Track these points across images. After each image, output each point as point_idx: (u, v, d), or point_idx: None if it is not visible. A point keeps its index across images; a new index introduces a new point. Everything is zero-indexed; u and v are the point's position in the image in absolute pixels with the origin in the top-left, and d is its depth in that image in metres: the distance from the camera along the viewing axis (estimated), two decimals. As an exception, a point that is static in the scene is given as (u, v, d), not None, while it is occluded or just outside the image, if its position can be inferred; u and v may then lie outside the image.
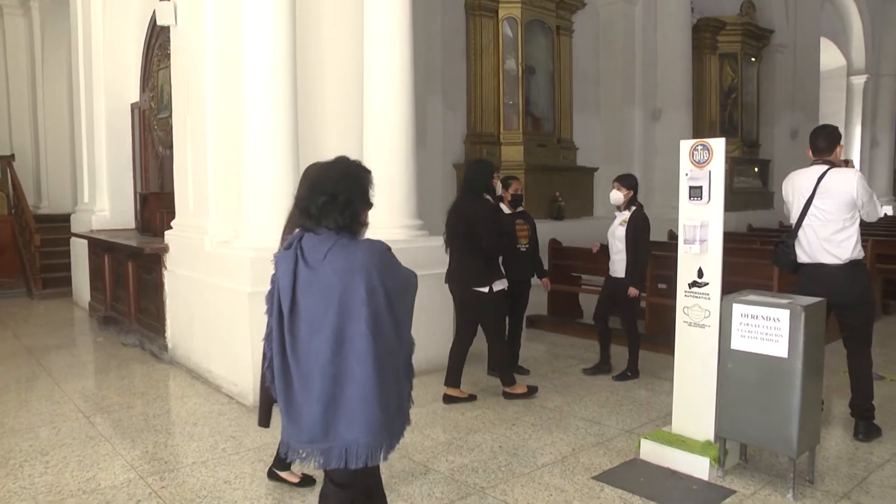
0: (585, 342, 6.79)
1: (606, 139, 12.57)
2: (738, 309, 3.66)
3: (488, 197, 5.09)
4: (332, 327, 2.30)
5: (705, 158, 3.85)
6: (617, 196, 5.57)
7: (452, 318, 5.95)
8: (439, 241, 6.02)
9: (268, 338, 2.47)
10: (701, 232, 3.84)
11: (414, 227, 6.06)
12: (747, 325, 3.62)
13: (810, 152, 4.47)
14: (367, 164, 6.03)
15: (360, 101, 5.91)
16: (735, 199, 13.40)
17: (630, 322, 5.72)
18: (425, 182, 7.77)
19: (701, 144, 3.88)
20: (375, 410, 2.32)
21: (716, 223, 3.83)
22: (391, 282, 2.36)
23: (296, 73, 5.36)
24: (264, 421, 3.74)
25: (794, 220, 4.46)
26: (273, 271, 2.47)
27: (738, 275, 6.05)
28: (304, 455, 2.38)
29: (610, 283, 5.70)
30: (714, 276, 3.84)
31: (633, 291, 5.52)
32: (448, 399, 5.09)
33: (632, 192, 5.58)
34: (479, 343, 5.22)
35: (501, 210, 5.55)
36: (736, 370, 3.67)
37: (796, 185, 4.45)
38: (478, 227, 4.87)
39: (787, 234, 4.54)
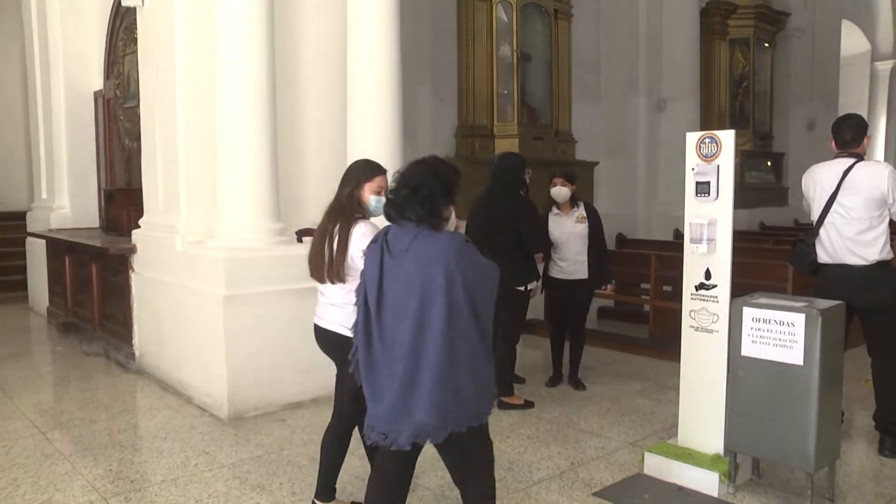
0: (587, 348, 6.80)
1: (607, 131, 12.61)
2: (749, 313, 3.69)
3: (522, 192, 5.27)
4: (414, 314, 2.60)
5: (713, 152, 3.89)
6: (564, 192, 5.60)
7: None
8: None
9: (355, 329, 2.79)
10: (708, 230, 3.88)
11: (401, 226, 6.08)
12: (759, 330, 3.65)
13: (833, 144, 4.47)
14: (348, 157, 6.10)
15: (343, 89, 5.92)
16: (746, 196, 13.45)
17: (583, 324, 5.83)
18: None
19: (709, 137, 3.93)
20: (445, 394, 2.59)
21: (724, 221, 3.87)
22: (469, 271, 2.63)
23: (274, 58, 5.38)
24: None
25: (815, 217, 4.47)
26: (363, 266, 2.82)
27: (749, 276, 6.11)
28: (385, 437, 2.67)
29: (566, 287, 5.68)
30: (723, 277, 3.88)
31: (610, 289, 5.71)
32: (503, 406, 5.22)
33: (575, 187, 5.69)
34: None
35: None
36: (747, 378, 3.70)
37: (818, 180, 4.45)
38: (524, 225, 5.05)
39: (806, 232, 4.56)
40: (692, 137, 3.99)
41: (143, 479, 4.10)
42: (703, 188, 3.90)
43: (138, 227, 6.50)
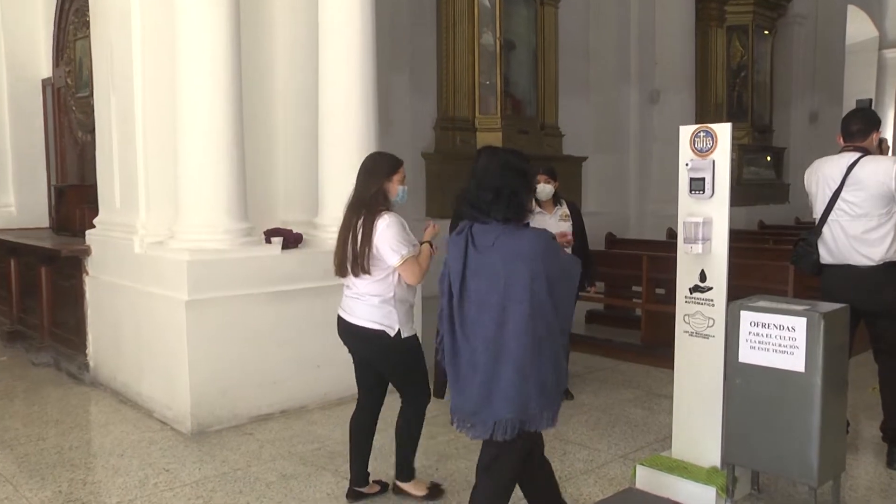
0: (573, 355, 6.83)
1: (597, 125, 12.68)
2: (746, 317, 3.72)
3: None
4: (496, 307, 2.86)
5: (709, 146, 3.93)
6: (549, 189, 5.63)
7: (420, 329, 6.00)
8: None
9: (440, 317, 3.05)
10: (703, 230, 3.91)
11: (377, 226, 6.10)
12: (758, 334, 3.68)
13: (841, 138, 4.51)
14: (320, 152, 6.10)
15: (314, 81, 5.93)
16: (744, 193, 13.59)
17: (569, 328, 5.88)
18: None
19: (704, 130, 3.96)
20: (527, 387, 2.87)
21: (720, 220, 3.90)
22: (552, 268, 2.89)
23: (240, 42, 5.36)
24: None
25: (817, 214, 4.52)
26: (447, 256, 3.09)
27: (747, 278, 6.16)
28: (469, 425, 2.97)
29: None
30: (719, 279, 3.92)
31: (594, 290, 5.80)
32: None
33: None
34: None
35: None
36: (745, 387, 3.73)
37: (821, 175, 4.49)
38: None
39: (808, 231, 4.61)
40: (686, 131, 4.02)
41: (96, 500, 4.07)
42: (697, 185, 3.93)
43: (93, 227, 6.46)
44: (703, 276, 3.96)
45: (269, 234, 5.67)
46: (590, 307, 8.26)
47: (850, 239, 4.36)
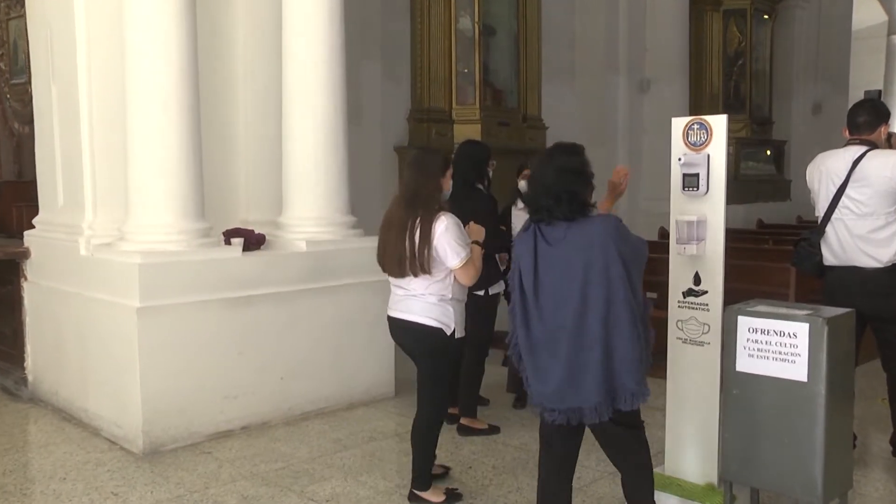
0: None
1: (583, 116, 12.71)
2: (744, 322, 3.75)
3: (480, 186, 5.34)
4: (576, 297, 3.17)
5: (703, 139, 3.97)
6: None
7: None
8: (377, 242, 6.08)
9: (511, 312, 3.38)
10: (698, 229, 3.94)
11: (346, 225, 6.11)
12: (757, 341, 3.71)
13: (846, 131, 4.55)
14: (284, 147, 6.10)
15: (278, 65, 5.92)
16: (742, 190, 13.69)
17: None
18: (359, 169, 7.78)
19: (698, 122, 4.00)
20: (620, 371, 3.21)
21: (716, 219, 3.94)
22: (626, 249, 3.22)
23: (196, 26, 5.35)
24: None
25: (820, 212, 4.56)
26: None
27: (745, 281, 6.22)
28: (553, 413, 3.28)
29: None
30: (714, 282, 3.95)
31: None
32: (464, 430, 5.30)
33: None
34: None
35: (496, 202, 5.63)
36: (744, 397, 3.76)
37: (825, 170, 4.53)
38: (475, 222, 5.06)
39: (811, 230, 4.65)
40: (679, 123, 4.05)
41: (36, 528, 4.04)
42: (691, 181, 3.95)
43: (32, 227, 6.41)
44: (697, 279, 4.00)
45: (229, 235, 5.65)
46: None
47: (855, 239, 4.40)
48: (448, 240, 3.93)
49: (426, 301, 4.03)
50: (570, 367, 3.21)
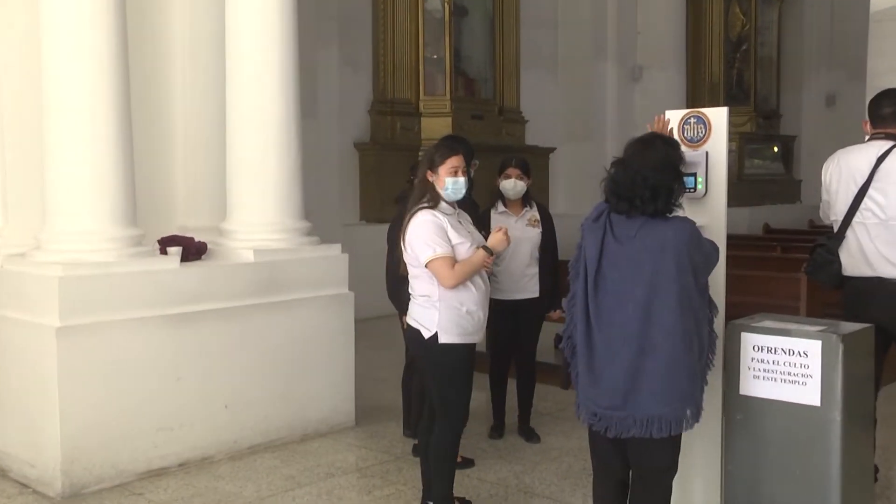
0: (540, 388, 6.80)
1: (567, 109, 12.78)
2: (748, 339, 3.77)
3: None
4: (641, 301, 3.28)
5: (701, 135, 3.99)
6: (521, 187, 5.64)
7: (353, 359, 6.05)
8: (335, 250, 6.05)
9: (570, 302, 3.50)
10: (698, 235, 3.95)
11: (300, 232, 6.05)
12: (763, 361, 3.73)
13: (868, 124, 4.56)
14: (229, 143, 6.07)
15: (221, 51, 5.89)
16: (746, 191, 13.81)
17: (534, 356, 5.96)
18: (315, 168, 7.77)
19: (695, 115, 4.02)
20: (682, 383, 3.30)
21: (716, 224, 3.96)
22: (698, 257, 3.35)
23: (125, 6, 5.31)
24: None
25: (838, 216, 4.55)
26: (581, 239, 3.52)
27: (750, 293, 6.25)
28: (598, 419, 3.38)
29: (510, 310, 5.67)
30: (714, 295, 3.95)
31: (559, 314, 5.78)
32: None
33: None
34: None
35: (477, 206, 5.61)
36: (748, 424, 3.77)
37: (844, 168, 4.52)
38: None
39: (828, 235, 4.66)
40: (674, 117, 4.07)
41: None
42: (687, 182, 3.93)
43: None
44: (696, 291, 4.00)
45: (166, 243, 5.59)
46: (559, 328, 8.28)
47: (878, 246, 4.40)
48: (418, 234, 4.09)
49: (415, 303, 4.25)
50: (630, 376, 3.30)
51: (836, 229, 4.57)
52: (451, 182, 4.20)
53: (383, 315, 6.66)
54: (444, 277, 4.07)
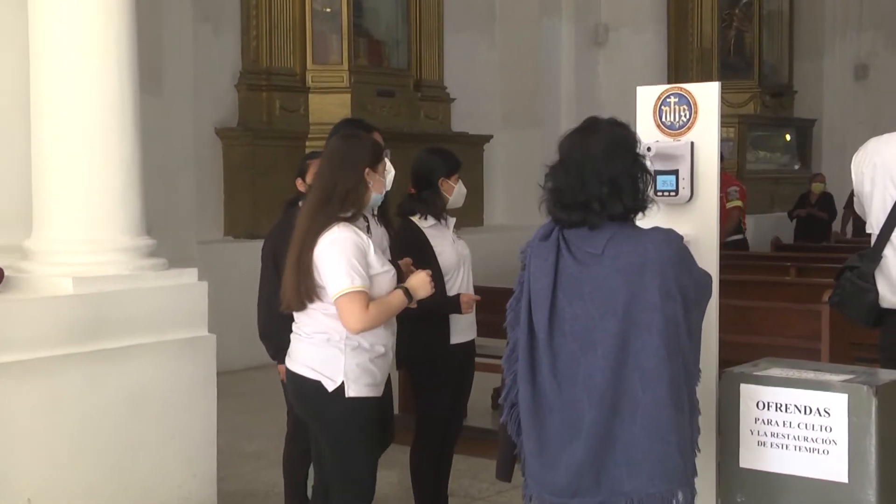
0: (470, 460, 6.74)
1: (508, 82, 12.84)
2: (751, 393, 3.78)
3: None
4: (612, 341, 3.18)
5: (685, 119, 3.98)
6: (463, 193, 5.68)
7: (215, 427, 5.97)
8: (190, 277, 5.99)
9: (507, 359, 3.41)
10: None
11: (139, 253, 5.95)
12: (769, 422, 3.75)
13: None
14: (34, 136, 6.04)
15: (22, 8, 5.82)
16: (749, 193, 13.95)
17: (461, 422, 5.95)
18: (160, 165, 7.69)
19: (675, 93, 4.01)
20: (671, 453, 3.19)
21: (706, 237, 3.96)
22: (688, 282, 3.26)
23: None
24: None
25: (874, 228, 4.59)
26: (521, 269, 3.43)
27: (753, 331, 6.30)
28: None
29: (467, 353, 5.70)
30: (705, 332, 3.96)
31: None
32: None
33: None
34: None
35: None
36: (752, 508, 3.81)
37: (879, 164, 4.56)
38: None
39: (860, 254, 4.69)
40: (648, 94, 4.08)
41: None
42: (667, 182, 3.95)
43: None
44: (680, 329, 4.02)
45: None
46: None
47: None
48: (334, 258, 4.03)
49: (307, 341, 4.20)
50: (598, 445, 3.19)
51: (872, 244, 4.61)
52: (389, 183, 4.33)
53: (255, 365, 6.62)
54: (353, 318, 4.01)
